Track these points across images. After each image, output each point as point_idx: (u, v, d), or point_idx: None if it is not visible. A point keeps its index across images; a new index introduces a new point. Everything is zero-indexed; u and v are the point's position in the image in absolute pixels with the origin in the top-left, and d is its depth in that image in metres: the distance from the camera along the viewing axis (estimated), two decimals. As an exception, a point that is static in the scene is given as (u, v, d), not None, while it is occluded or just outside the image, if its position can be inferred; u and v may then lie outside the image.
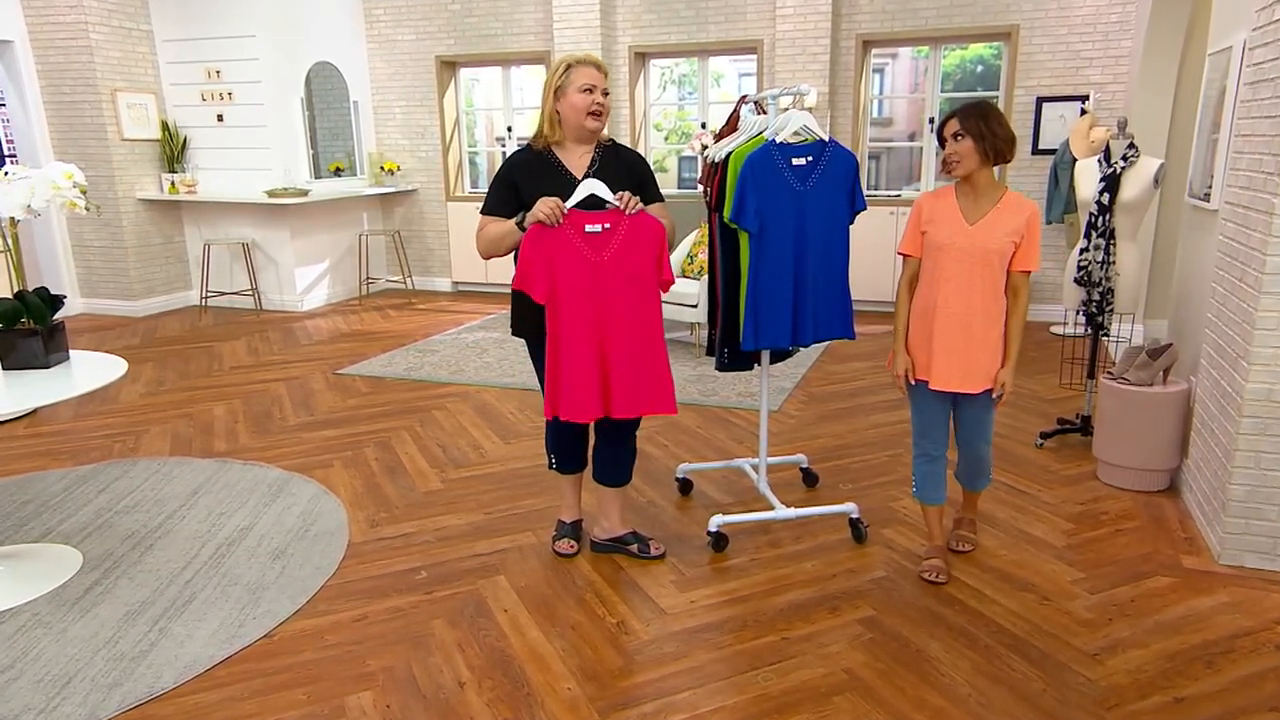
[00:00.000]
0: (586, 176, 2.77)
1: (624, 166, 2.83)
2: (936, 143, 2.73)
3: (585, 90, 2.69)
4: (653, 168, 3.00)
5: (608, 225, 2.69)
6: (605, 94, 2.74)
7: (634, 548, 3.11)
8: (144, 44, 7.52)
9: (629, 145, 2.96)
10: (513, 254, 2.84)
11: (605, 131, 2.86)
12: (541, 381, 2.95)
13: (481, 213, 2.83)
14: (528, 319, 2.88)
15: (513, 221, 2.73)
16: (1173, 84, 5.69)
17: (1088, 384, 4.23)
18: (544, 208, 2.63)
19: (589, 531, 3.23)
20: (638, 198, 2.73)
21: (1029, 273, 2.72)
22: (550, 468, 3.16)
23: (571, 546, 3.15)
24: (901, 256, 2.87)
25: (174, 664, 2.49)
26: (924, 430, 2.91)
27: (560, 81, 2.71)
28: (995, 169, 2.74)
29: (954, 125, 2.65)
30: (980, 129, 2.61)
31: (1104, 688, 2.34)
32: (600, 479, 3.10)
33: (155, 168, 7.68)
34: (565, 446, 3.09)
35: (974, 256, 2.67)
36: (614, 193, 2.71)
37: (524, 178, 2.77)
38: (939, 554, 2.99)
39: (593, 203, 2.70)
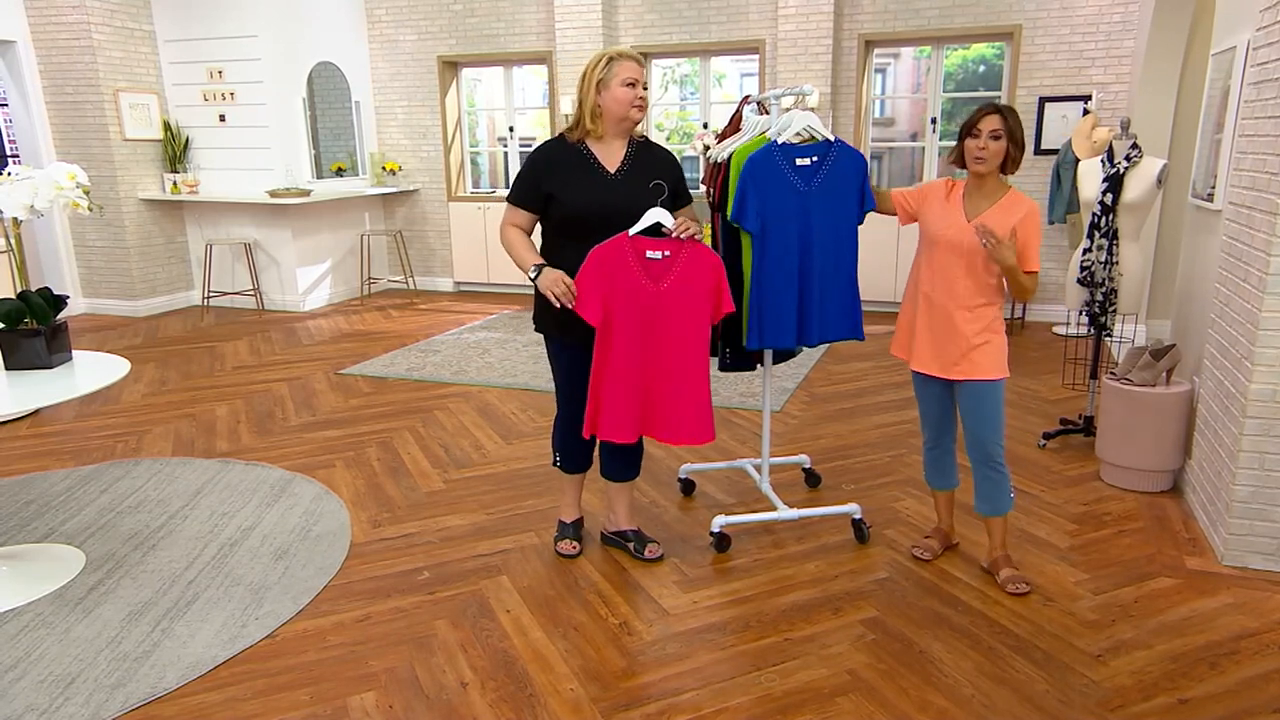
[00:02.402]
0: (619, 172, 2.75)
1: (658, 164, 2.81)
2: (962, 134, 2.71)
3: (628, 84, 2.68)
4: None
5: (668, 252, 2.70)
6: (645, 87, 2.74)
7: (631, 545, 3.11)
8: (146, 44, 7.53)
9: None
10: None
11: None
12: (555, 378, 2.97)
13: (508, 200, 2.82)
14: (552, 314, 2.82)
15: (529, 265, 2.72)
16: (1175, 84, 5.68)
17: (1090, 384, 4.23)
18: (555, 289, 2.64)
19: (601, 525, 3.24)
20: (695, 226, 2.72)
21: (1030, 273, 2.69)
22: (554, 464, 3.14)
23: (574, 547, 3.13)
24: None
25: (177, 664, 2.49)
26: (922, 415, 3.03)
27: (603, 75, 2.69)
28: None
29: (996, 123, 2.63)
30: (1018, 136, 2.65)
31: (1108, 689, 2.33)
32: (608, 475, 3.10)
33: (157, 168, 7.68)
34: (573, 445, 3.06)
35: (960, 250, 2.71)
36: (660, 202, 2.73)
37: (554, 170, 2.74)
38: (936, 535, 3.11)
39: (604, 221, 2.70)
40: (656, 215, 2.69)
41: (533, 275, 2.71)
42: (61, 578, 2.99)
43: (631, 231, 2.68)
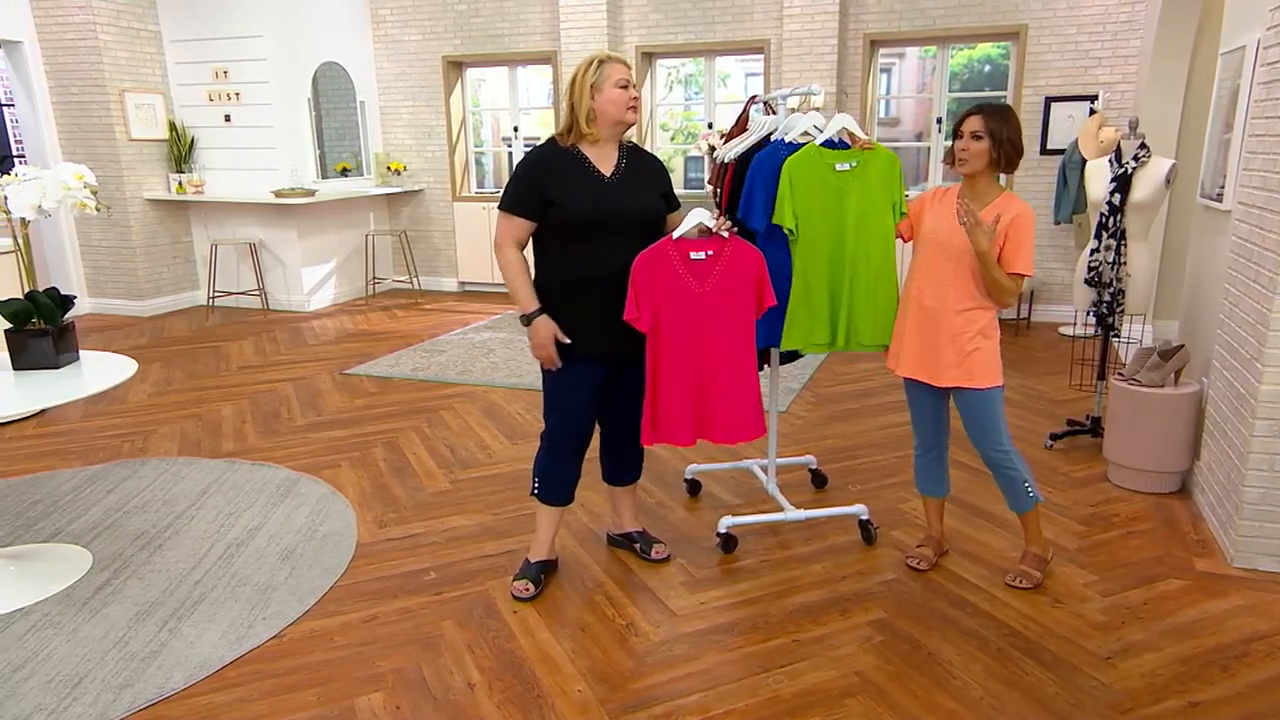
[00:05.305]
0: (615, 176, 2.71)
1: (649, 169, 2.80)
2: (951, 135, 2.73)
3: (621, 86, 2.66)
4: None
5: (711, 252, 2.71)
6: (637, 88, 2.74)
7: (637, 546, 3.11)
8: (152, 44, 7.54)
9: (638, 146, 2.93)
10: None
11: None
12: (545, 389, 2.83)
13: (501, 208, 2.70)
14: (558, 320, 2.72)
15: (525, 308, 2.68)
16: (1183, 84, 5.66)
17: (1098, 385, 4.21)
18: (540, 354, 2.68)
19: (607, 527, 3.23)
20: (730, 221, 2.74)
21: (1019, 276, 2.63)
22: (532, 493, 2.90)
23: (527, 589, 2.85)
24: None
25: (184, 664, 2.49)
26: (913, 421, 3.00)
27: (595, 78, 2.65)
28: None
29: (976, 123, 2.63)
30: (1002, 135, 2.61)
31: (1117, 691, 2.32)
32: (609, 480, 3.09)
33: (163, 168, 7.69)
34: (557, 472, 2.86)
35: (951, 251, 2.69)
36: (658, 201, 2.75)
37: (552, 175, 2.66)
38: (929, 543, 3.06)
39: (617, 222, 2.67)
40: (699, 216, 2.69)
41: (524, 323, 2.69)
42: (68, 578, 2.99)
43: (675, 235, 2.68)
